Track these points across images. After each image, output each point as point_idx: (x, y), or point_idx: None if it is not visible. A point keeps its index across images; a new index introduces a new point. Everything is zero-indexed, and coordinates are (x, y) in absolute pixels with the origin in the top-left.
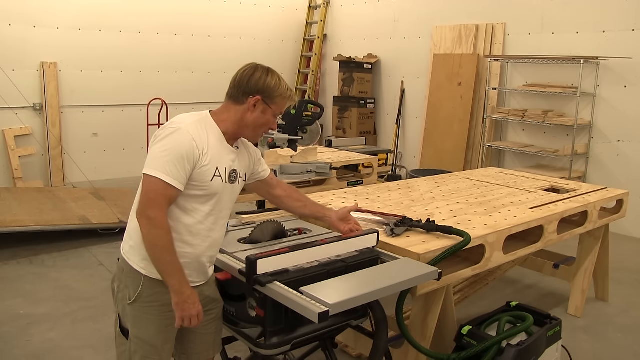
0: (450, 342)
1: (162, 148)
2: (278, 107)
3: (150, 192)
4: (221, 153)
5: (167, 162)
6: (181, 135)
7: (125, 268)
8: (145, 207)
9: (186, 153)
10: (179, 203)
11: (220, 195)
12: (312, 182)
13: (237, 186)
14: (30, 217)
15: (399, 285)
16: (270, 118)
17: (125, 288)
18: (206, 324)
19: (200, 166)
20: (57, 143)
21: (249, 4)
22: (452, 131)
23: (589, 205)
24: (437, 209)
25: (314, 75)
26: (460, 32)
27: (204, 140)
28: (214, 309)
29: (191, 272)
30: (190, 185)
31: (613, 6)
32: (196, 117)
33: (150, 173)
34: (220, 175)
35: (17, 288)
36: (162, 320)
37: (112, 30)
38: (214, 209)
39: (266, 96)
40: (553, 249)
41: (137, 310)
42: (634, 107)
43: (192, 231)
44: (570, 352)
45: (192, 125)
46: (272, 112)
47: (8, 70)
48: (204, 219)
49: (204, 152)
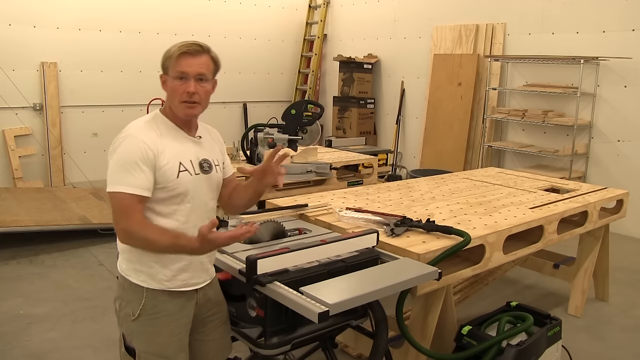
0: (450, 342)
1: (114, 161)
2: (173, 68)
3: (116, 208)
4: (181, 146)
5: (122, 173)
6: (129, 142)
7: (126, 284)
8: (117, 223)
9: (139, 157)
10: (157, 210)
11: (195, 189)
12: (312, 182)
13: (215, 175)
14: (30, 217)
15: (399, 285)
16: (172, 84)
17: (128, 304)
18: (213, 328)
19: (159, 167)
20: (57, 143)
21: (249, 4)
22: (452, 131)
23: (589, 205)
24: (437, 209)
25: (314, 75)
26: (460, 32)
27: (155, 140)
28: (218, 313)
29: (194, 273)
30: (158, 189)
31: (613, 6)
32: (147, 118)
33: (110, 189)
34: (187, 170)
35: (17, 288)
36: (171, 330)
37: (112, 30)
38: (193, 204)
39: (163, 69)
40: (553, 249)
41: (143, 324)
42: (634, 107)
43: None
44: (570, 352)
45: (141, 128)
46: (170, 78)
47: (8, 70)
48: (187, 218)
49: (160, 151)
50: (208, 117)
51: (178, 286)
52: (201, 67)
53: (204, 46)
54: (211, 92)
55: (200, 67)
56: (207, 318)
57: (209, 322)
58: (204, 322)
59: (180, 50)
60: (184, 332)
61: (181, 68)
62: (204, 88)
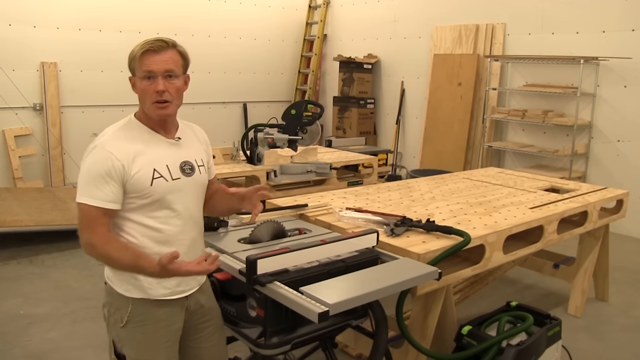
0: (450, 342)
1: (83, 171)
2: (139, 69)
3: (81, 219)
4: (156, 151)
5: (88, 184)
6: (97, 153)
7: (111, 291)
8: (81, 235)
9: (105, 170)
10: (134, 219)
11: (172, 195)
12: (312, 182)
13: (198, 177)
14: (30, 217)
15: (399, 285)
16: (141, 85)
17: (117, 311)
18: (208, 336)
19: (130, 177)
20: (57, 143)
21: (249, 4)
22: (452, 131)
23: (588, 205)
24: (437, 209)
25: (314, 75)
26: (460, 32)
27: (126, 149)
28: (212, 320)
29: (178, 280)
30: (132, 198)
31: (613, 6)
32: (118, 126)
33: (77, 200)
34: (161, 176)
35: (17, 288)
36: (161, 337)
37: (112, 30)
38: (173, 210)
39: (130, 71)
40: (553, 249)
41: (132, 331)
42: (634, 107)
43: (160, 241)
44: (570, 352)
45: (111, 136)
46: (138, 79)
47: (8, 70)
48: (168, 224)
49: (131, 158)
50: (208, 117)
51: (164, 294)
52: (167, 64)
53: (169, 41)
54: (183, 89)
55: (166, 63)
56: (200, 325)
57: (203, 330)
58: (196, 329)
59: (143, 49)
60: (174, 338)
61: (147, 67)
62: (174, 85)
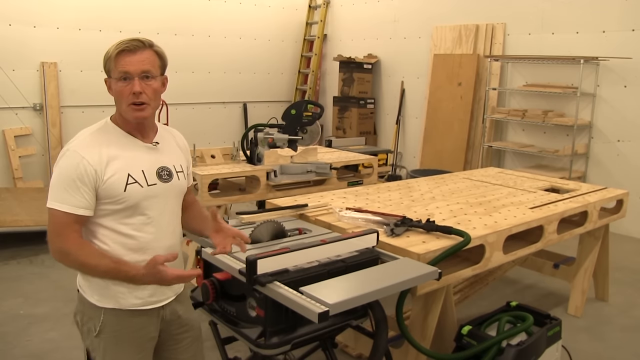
0: (450, 342)
1: (55, 176)
2: (114, 69)
3: (51, 225)
4: (132, 156)
5: (59, 190)
6: (69, 157)
7: (83, 300)
8: (53, 242)
9: (77, 175)
10: (106, 225)
11: (147, 201)
12: (312, 182)
13: (176, 183)
14: (30, 217)
15: (399, 285)
16: (117, 86)
17: (89, 320)
18: (185, 347)
19: (103, 182)
20: (57, 143)
21: (249, 4)
22: (452, 131)
23: (588, 205)
24: (437, 209)
25: (314, 75)
26: (460, 32)
27: (99, 154)
28: (190, 332)
29: (152, 290)
30: (105, 203)
31: (613, 6)
32: (94, 128)
33: (48, 205)
34: (136, 182)
35: (17, 288)
36: (135, 347)
37: (112, 30)
38: (148, 217)
39: (106, 72)
40: (553, 249)
41: (106, 341)
42: (634, 107)
43: (133, 248)
44: (570, 352)
45: (84, 140)
46: (114, 80)
47: (8, 70)
48: (141, 232)
49: (104, 163)
50: (208, 117)
51: (136, 305)
52: (144, 64)
53: (145, 41)
54: (161, 90)
55: (142, 63)
56: (177, 336)
57: (181, 341)
58: (174, 339)
59: (118, 49)
60: (148, 348)
61: (122, 67)
62: (151, 86)
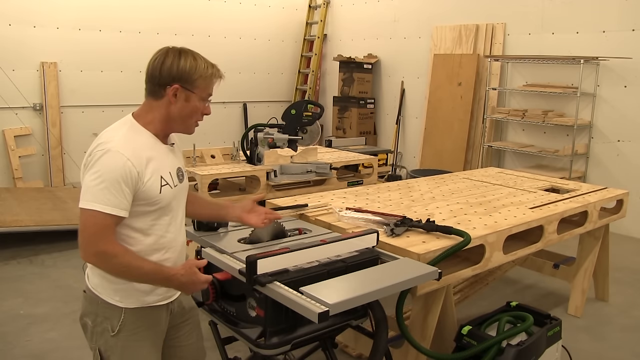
0: (450, 342)
1: (93, 176)
2: (202, 89)
3: (90, 228)
4: (161, 158)
5: (102, 191)
6: (112, 157)
7: (100, 301)
8: (89, 245)
9: (122, 177)
10: (135, 226)
11: (175, 201)
12: (312, 182)
13: (186, 182)
14: (30, 217)
15: (399, 285)
16: (197, 104)
17: (105, 320)
18: (187, 334)
19: (143, 184)
20: (57, 143)
21: (249, 4)
22: (452, 131)
23: (589, 205)
24: (437, 209)
25: (314, 75)
26: (460, 32)
27: (139, 156)
28: (191, 318)
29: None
30: (140, 205)
31: (613, 6)
32: (124, 129)
33: (86, 206)
34: (167, 183)
35: (17, 288)
36: (152, 342)
37: (112, 30)
38: (170, 217)
39: (184, 81)
40: (553, 249)
41: (125, 339)
42: (634, 107)
43: (157, 248)
44: (570, 352)
45: (123, 141)
46: (197, 96)
47: (8, 70)
48: (164, 232)
49: (144, 165)
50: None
51: (156, 301)
52: None
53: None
54: None
55: None
56: (180, 324)
57: (183, 328)
58: (177, 327)
59: (218, 75)
60: (161, 341)
61: (208, 91)
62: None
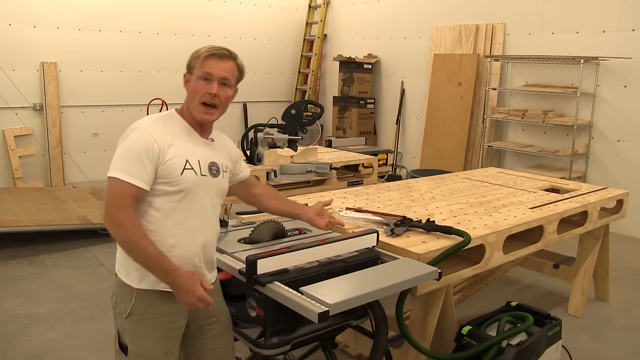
0: (450, 342)
1: (120, 150)
2: (197, 68)
3: (110, 194)
4: (191, 145)
5: (125, 161)
6: (138, 133)
7: (119, 282)
8: (108, 210)
9: (143, 150)
10: (156, 205)
11: (196, 189)
12: (312, 182)
13: (221, 180)
14: (30, 217)
15: (399, 285)
16: (195, 84)
17: (122, 302)
18: (212, 338)
19: (164, 161)
20: (57, 143)
21: (249, 4)
22: (452, 131)
23: (589, 205)
24: (437, 209)
25: (314, 75)
26: (460, 32)
27: (163, 135)
28: (218, 323)
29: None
30: (160, 183)
31: (613, 6)
32: (159, 115)
33: (110, 175)
34: (192, 168)
35: (17, 288)
36: (161, 332)
37: (112, 30)
38: (193, 205)
39: (188, 68)
40: (553, 249)
41: (134, 324)
42: (634, 107)
43: (175, 232)
44: (570, 352)
45: (152, 122)
46: (195, 77)
47: (8, 70)
48: (184, 217)
49: (167, 145)
50: None
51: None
52: (226, 72)
53: (232, 53)
54: (231, 99)
55: (225, 71)
56: (205, 327)
57: (208, 331)
58: (201, 330)
59: (209, 52)
60: (175, 336)
61: (207, 69)
62: (225, 93)
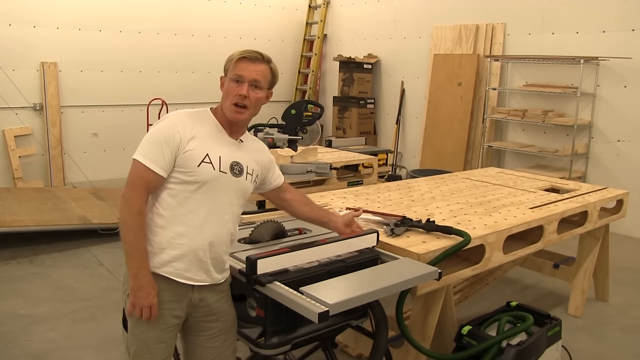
0: (450, 342)
1: (147, 135)
2: (231, 71)
3: (130, 174)
4: (215, 142)
5: (147, 146)
6: (164, 122)
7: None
8: (126, 187)
9: (164, 138)
10: (171, 192)
11: (213, 184)
12: (312, 182)
13: (243, 181)
14: (30, 217)
15: (399, 285)
16: (229, 85)
17: (126, 281)
18: (211, 337)
19: (183, 151)
20: (57, 143)
21: (249, 4)
22: (452, 131)
23: (589, 205)
24: (437, 209)
25: (314, 75)
26: (460, 32)
27: (188, 127)
28: (219, 322)
29: (188, 266)
30: (178, 172)
31: (613, 6)
32: (192, 110)
33: (133, 156)
34: (211, 162)
35: (17, 288)
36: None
37: (112, 30)
38: (207, 198)
39: (225, 71)
40: (553, 249)
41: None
42: (634, 107)
43: (185, 220)
44: (570, 352)
45: (181, 114)
46: (227, 79)
47: (8, 70)
48: (196, 208)
49: (189, 137)
50: None
51: (170, 273)
52: (257, 74)
53: (265, 56)
54: (263, 101)
55: (256, 73)
56: (204, 324)
57: (207, 329)
58: (201, 326)
59: (240, 55)
60: (169, 324)
61: (238, 71)
62: (256, 95)
